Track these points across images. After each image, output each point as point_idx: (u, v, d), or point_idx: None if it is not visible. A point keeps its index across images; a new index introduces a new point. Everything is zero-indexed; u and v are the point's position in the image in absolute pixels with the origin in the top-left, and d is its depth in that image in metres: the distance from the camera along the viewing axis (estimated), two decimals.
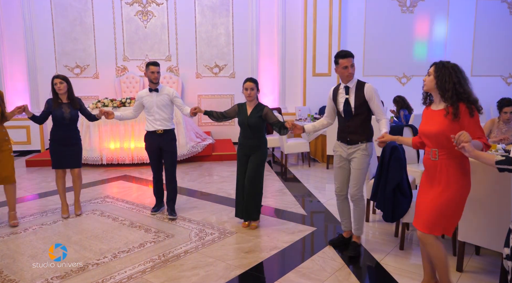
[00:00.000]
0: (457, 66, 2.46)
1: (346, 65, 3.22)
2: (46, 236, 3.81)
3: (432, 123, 2.45)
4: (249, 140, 3.88)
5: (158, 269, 3.10)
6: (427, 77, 2.52)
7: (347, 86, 3.28)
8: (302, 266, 3.16)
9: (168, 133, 4.30)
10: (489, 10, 9.43)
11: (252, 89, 3.81)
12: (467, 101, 2.34)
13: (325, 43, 8.73)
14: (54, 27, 8.62)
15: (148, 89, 4.33)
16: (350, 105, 3.24)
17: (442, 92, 2.41)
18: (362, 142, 3.25)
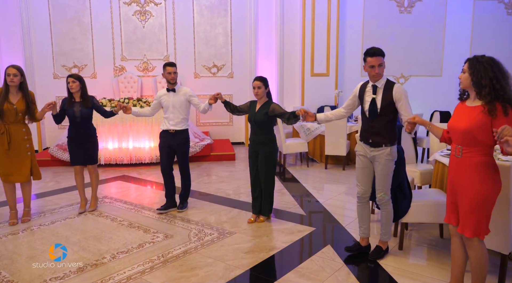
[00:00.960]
0: (492, 59, 2.36)
1: (373, 64, 3.10)
2: (45, 236, 3.79)
3: (463, 119, 2.39)
4: (257, 137, 4.01)
5: (157, 270, 3.09)
6: (462, 74, 2.44)
7: (375, 86, 3.15)
8: (302, 266, 3.16)
9: (179, 134, 4.41)
10: (486, 11, 9.45)
11: (259, 88, 3.92)
12: (502, 99, 2.25)
13: (323, 43, 8.73)
14: (52, 27, 8.58)
15: (166, 89, 4.45)
16: (376, 105, 3.12)
17: (478, 90, 2.33)
18: (386, 145, 3.11)
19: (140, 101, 7.08)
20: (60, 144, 7.36)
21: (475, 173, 2.35)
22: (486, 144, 2.33)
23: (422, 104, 8.75)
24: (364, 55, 3.20)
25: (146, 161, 7.04)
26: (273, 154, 4.04)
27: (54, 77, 8.75)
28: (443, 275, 2.95)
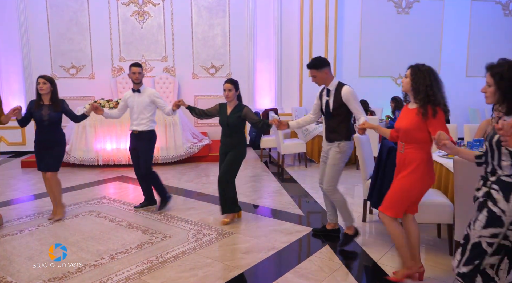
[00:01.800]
0: (431, 69, 2.67)
1: (312, 75, 3.54)
2: (43, 237, 3.79)
3: (404, 120, 2.73)
4: (229, 139, 4.05)
5: (156, 270, 3.10)
6: (404, 79, 2.74)
7: (328, 89, 3.51)
8: (300, 267, 3.17)
9: (143, 134, 4.38)
10: (483, 11, 9.50)
11: (230, 90, 3.96)
12: (433, 103, 2.57)
13: (321, 44, 8.75)
14: (50, 27, 8.57)
15: (131, 90, 4.43)
16: (329, 106, 3.48)
17: (415, 94, 2.65)
18: (338, 140, 3.46)
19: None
20: None
21: (411, 167, 2.67)
22: (423, 141, 2.66)
23: None
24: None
25: None
26: (242, 155, 4.08)
27: None
28: (441, 275, 2.97)
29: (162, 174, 6.48)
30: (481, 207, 2.05)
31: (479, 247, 2.02)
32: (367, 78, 9.32)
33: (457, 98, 8.09)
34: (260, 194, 5.39)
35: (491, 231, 1.98)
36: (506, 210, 1.94)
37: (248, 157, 7.97)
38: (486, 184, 2.06)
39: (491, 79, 2.11)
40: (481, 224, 2.01)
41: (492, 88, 2.11)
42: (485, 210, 2.01)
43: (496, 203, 1.97)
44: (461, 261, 2.09)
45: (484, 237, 2.00)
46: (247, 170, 6.80)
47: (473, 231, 2.05)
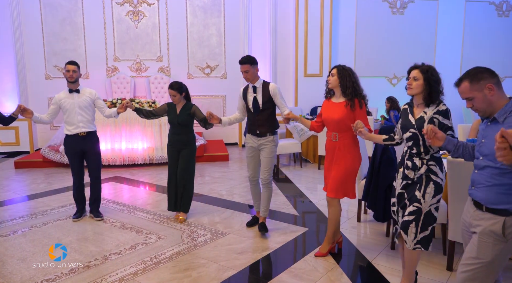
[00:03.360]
0: (351, 69, 3.18)
1: (242, 70, 3.73)
2: (36, 238, 3.76)
3: (334, 113, 3.14)
4: (179, 136, 4.19)
5: (150, 271, 3.08)
6: (331, 77, 3.15)
7: (254, 86, 3.79)
8: (295, 267, 3.16)
9: (91, 135, 4.24)
10: (477, 12, 9.55)
11: (175, 96, 4.12)
12: (359, 96, 3.09)
13: (317, 44, 8.76)
14: (44, 27, 8.52)
15: (69, 90, 4.18)
16: (258, 102, 3.75)
17: (343, 89, 3.11)
18: (270, 134, 3.75)
19: (133, 102, 7.04)
20: (52, 145, 7.31)
21: (347, 151, 3.16)
22: (352, 129, 2.97)
23: None
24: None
25: (139, 162, 7.01)
26: (195, 151, 4.28)
27: (46, 78, 8.69)
28: (435, 275, 2.98)
29: (157, 174, 6.47)
30: (421, 183, 2.47)
31: (430, 214, 2.47)
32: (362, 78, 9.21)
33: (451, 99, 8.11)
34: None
35: (438, 197, 2.47)
36: (443, 178, 2.49)
37: (243, 157, 7.97)
38: (424, 162, 2.47)
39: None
40: (431, 195, 2.45)
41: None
42: (431, 182, 2.46)
43: (437, 175, 2.46)
44: (417, 233, 2.48)
45: (433, 205, 2.47)
46: (242, 170, 6.79)
47: (424, 204, 2.46)
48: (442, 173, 2.48)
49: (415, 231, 2.48)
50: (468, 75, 1.96)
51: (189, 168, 4.20)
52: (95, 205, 4.35)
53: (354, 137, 3.18)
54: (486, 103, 1.92)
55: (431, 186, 2.45)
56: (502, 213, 1.86)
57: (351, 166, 3.17)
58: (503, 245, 1.86)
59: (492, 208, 1.89)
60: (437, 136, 2.11)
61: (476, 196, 1.99)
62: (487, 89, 1.90)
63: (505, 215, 1.85)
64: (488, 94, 1.90)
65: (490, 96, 1.90)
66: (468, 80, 1.95)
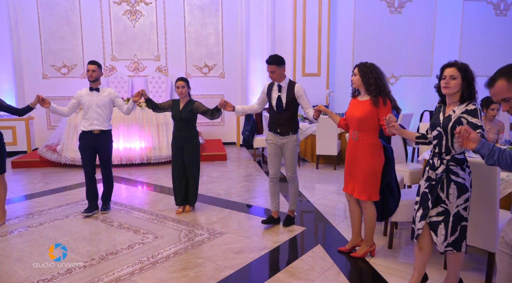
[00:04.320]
0: (374, 64, 3.11)
1: (269, 70, 3.75)
2: (33, 238, 3.74)
3: (357, 110, 3.10)
4: (182, 132, 4.31)
5: (147, 271, 3.07)
6: (354, 77, 3.12)
7: (279, 85, 3.81)
8: (292, 266, 3.16)
9: (105, 134, 4.36)
10: (475, 11, 9.56)
11: (183, 87, 4.25)
12: (383, 93, 3.01)
13: (315, 43, 8.75)
14: (41, 26, 8.49)
15: (89, 88, 4.36)
16: (282, 101, 3.78)
17: (367, 87, 3.05)
18: (292, 133, 3.81)
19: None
20: (49, 144, 7.28)
21: (368, 151, 3.08)
22: (374, 128, 3.08)
23: (412, 104, 8.83)
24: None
25: (136, 162, 6.99)
26: (198, 147, 4.43)
27: (43, 77, 8.66)
28: (433, 274, 2.97)
29: (155, 173, 6.46)
30: (442, 183, 2.44)
31: (459, 215, 2.42)
32: None
33: None
34: (253, 193, 5.38)
35: (464, 197, 2.41)
36: (466, 177, 2.42)
37: (241, 157, 7.97)
38: (443, 162, 2.44)
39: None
40: (454, 196, 2.41)
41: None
42: (452, 183, 2.41)
43: (458, 175, 2.41)
44: (447, 234, 2.43)
45: (460, 206, 2.41)
46: (240, 169, 6.79)
47: (450, 205, 2.42)
48: (465, 172, 2.42)
49: (444, 233, 2.43)
50: (503, 73, 1.72)
51: (195, 162, 4.36)
52: (105, 198, 4.55)
53: (375, 137, 3.10)
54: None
55: (453, 187, 2.41)
56: None
57: (372, 167, 3.07)
58: None
59: None
60: (471, 137, 1.92)
61: None
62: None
63: None
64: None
65: None
66: (505, 79, 1.71)
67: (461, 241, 2.45)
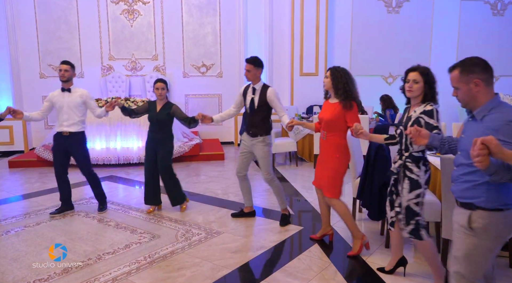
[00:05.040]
0: (346, 69, 3.25)
1: (245, 68, 3.88)
2: (29, 238, 3.73)
3: (327, 112, 3.25)
4: (157, 134, 4.26)
5: (144, 270, 3.07)
6: (326, 79, 3.26)
7: (254, 88, 3.91)
8: (289, 265, 3.16)
9: (75, 136, 4.24)
10: (472, 11, 9.57)
11: (163, 89, 4.23)
12: (350, 97, 3.16)
13: (312, 43, 8.75)
14: (38, 25, 8.46)
15: (61, 89, 4.26)
16: (254, 103, 3.88)
17: (335, 90, 3.21)
18: (261, 135, 3.88)
19: (128, 101, 7.02)
20: (46, 144, 7.25)
21: (334, 151, 3.24)
22: (342, 130, 3.23)
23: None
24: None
25: (134, 161, 6.98)
26: (171, 149, 4.38)
27: (40, 76, 8.63)
28: (430, 273, 2.97)
29: None
30: (399, 179, 2.67)
31: (410, 209, 2.63)
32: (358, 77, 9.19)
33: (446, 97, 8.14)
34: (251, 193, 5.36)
35: (415, 192, 2.60)
36: (420, 174, 2.60)
37: None
38: (401, 158, 2.66)
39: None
40: (407, 190, 2.61)
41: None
42: (406, 178, 2.62)
43: (412, 171, 2.60)
44: (407, 223, 2.65)
45: (411, 200, 2.61)
46: None
47: (403, 198, 2.65)
48: (420, 170, 2.60)
49: (405, 222, 2.68)
50: (461, 64, 1.94)
51: (168, 165, 4.30)
52: (99, 199, 4.51)
53: (342, 138, 3.25)
54: (470, 97, 1.91)
55: (406, 182, 2.63)
56: (469, 206, 1.91)
57: (336, 166, 3.24)
58: (474, 240, 1.87)
59: (462, 202, 1.95)
60: (421, 134, 2.17)
61: (453, 191, 2.03)
62: (473, 84, 1.88)
63: (471, 208, 1.89)
64: (474, 89, 1.88)
65: (475, 91, 1.88)
66: (459, 70, 1.93)
67: (418, 231, 2.63)
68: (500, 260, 3.16)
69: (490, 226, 1.85)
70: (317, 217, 4.34)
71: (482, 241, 1.87)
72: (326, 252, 3.39)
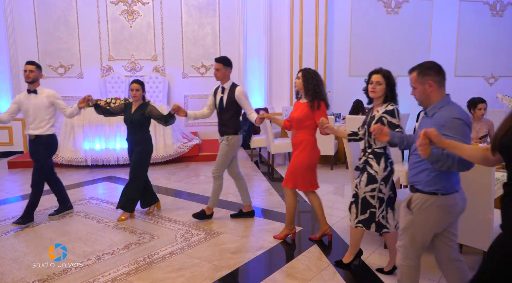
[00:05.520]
0: (316, 72, 3.44)
1: (215, 67, 3.99)
2: (28, 239, 3.73)
3: (297, 112, 3.44)
4: (133, 136, 4.21)
5: (143, 271, 3.07)
6: (297, 80, 3.42)
7: (223, 87, 4.04)
8: (288, 266, 3.16)
9: (41, 139, 4.05)
10: (471, 12, 9.59)
11: (138, 90, 4.15)
12: (318, 98, 3.35)
13: (312, 44, 8.76)
14: (37, 26, 8.46)
15: (27, 90, 4.08)
16: (223, 102, 3.99)
17: (305, 91, 3.39)
18: (228, 134, 3.99)
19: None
20: None
21: (303, 148, 3.42)
22: (311, 128, 3.42)
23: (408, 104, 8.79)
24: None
25: None
26: (148, 151, 4.26)
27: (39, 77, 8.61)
28: (428, 273, 2.98)
29: (152, 174, 6.42)
30: (362, 172, 2.88)
31: (366, 200, 2.86)
32: (357, 77, 9.31)
33: None
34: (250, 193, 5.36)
35: (372, 186, 2.82)
36: (378, 171, 2.81)
37: (238, 157, 7.95)
38: (365, 154, 2.88)
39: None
40: (364, 183, 2.84)
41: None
42: (365, 172, 2.84)
43: (372, 167, 2.82)
44: (357, 213, 2.90)
45: (367, 192, 2.84)
46: None
47: (360, 190, 2.87)
48: (379, 166, 2.81)
49: (355, 211, 2.92)
50: (419, 67, 2.21)
51: (138, 168, 4.19)
52: (59, 204, 4.36)
53: (311, 135, 3.45)
54: (425, 96, 2.19)
55: (365, 176, 2.85)
56: (412, 189, 2.24)
57: (303, 160, 3.42)
58: (410, 217, 2.21)
59: (410, 185, 2.27)
60: (384, 132, 2.40)
61: (408, 177, 2.32)
62: (427, 85, 2.16)
63: (412, 191, 2.23)
64: (428, 89, 2.16)
65: (429, 91, 2.16)
66: (417, 72, 2.20)
67: (370, 222, 2.88)
68: None
69: (424, 207, 2.15)
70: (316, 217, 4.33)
71: (417, 219, 2.18)
72: (325, 253, 3.39)
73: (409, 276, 2.28)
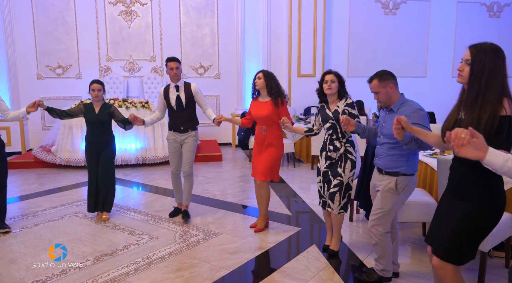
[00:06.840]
0: (273, 73, 3.79)
1: (171, 67, 4.06)
2: (27, 239, 3.73)
3: (263, 110, 3.69)
4: (100, 137, 4.18)
5: (142, 272, 3.07)
6: (258, 80, 3.72)
7: (177, 86, 4.12)
8: (287, 266, 3.17)
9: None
10: (468, 13, 9.63)
11: (100, 91, 4.15)
12: (281, 95, 3.69)
13: (310, 44, 8.77)
14: (35, 26, 8.44)
15: None
16: (182, 100, 4.07)
17: (269, 90, 3.69)
18: (192, 130, 4.13)
19: (125, 102, 7.02)
20: (43, 145, 7.25)
21: (275, 140, 3.73)
22: (277, 123, 3.62)
23: None
24: (165, 61, 4.19)
25: (132, 162, 6.98)
26: (115, 152, 4.32)
27: (38, 77, 8.61)
28: (427, 273, 3.00)
29: (150, 174, 6.45)
30: (341, 161, 3.17)
31: (348, 185, 3.20)
32: (356, 78, 9.32)
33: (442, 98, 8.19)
34: (248, 194, 5.38)
35: (353, 171, 3.19)
36: (356, 156, 3.24)
37: (237, 157, 7.97)
38: (343, 145, 3.17)
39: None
40: (349, 169, 3.17)
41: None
42: (348, 160, 3.17)
43: (352, 153, 3.19)
44: (340, 200, 3.19)
45: (350, 177, 3.18)
46: (236, 170, 6.79)
47: (345, 177, 3.17)
48: (355, 152, 3.23)
49: (339, 199, 3.19)
50: (377, 75, 2.71)
51: (111, 168, 4.24)
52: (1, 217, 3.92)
53: (279, 129, 3.73)
54: (387, 97, 2.69)
55: (348, 163, 3.17)
56: (394, 174, 2.67)
57: (277, 154, 3.73)
58: (397, 197, 2.69)
59: (388, 171, 2.70)
60: (350, 123, 2.84)
61: (378, 164, 2.77)
62: (388, 87, 2.67)
63: (396, 175, 2.67)
64: (389, 91, 2.67)
65: (390, 92, 2.68)
66: (378, 79, 2.69)
67: (347, 205, 3.24)
68: (496, 261, 3.19)
69: (408, 186, 2.68)
70: (315, 218, 4.36)
71: (402, 197, 2.71)
72: (324, 253, 3.40)
73: (388, 243, 2.77)
